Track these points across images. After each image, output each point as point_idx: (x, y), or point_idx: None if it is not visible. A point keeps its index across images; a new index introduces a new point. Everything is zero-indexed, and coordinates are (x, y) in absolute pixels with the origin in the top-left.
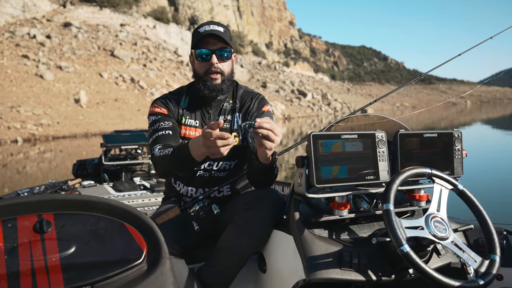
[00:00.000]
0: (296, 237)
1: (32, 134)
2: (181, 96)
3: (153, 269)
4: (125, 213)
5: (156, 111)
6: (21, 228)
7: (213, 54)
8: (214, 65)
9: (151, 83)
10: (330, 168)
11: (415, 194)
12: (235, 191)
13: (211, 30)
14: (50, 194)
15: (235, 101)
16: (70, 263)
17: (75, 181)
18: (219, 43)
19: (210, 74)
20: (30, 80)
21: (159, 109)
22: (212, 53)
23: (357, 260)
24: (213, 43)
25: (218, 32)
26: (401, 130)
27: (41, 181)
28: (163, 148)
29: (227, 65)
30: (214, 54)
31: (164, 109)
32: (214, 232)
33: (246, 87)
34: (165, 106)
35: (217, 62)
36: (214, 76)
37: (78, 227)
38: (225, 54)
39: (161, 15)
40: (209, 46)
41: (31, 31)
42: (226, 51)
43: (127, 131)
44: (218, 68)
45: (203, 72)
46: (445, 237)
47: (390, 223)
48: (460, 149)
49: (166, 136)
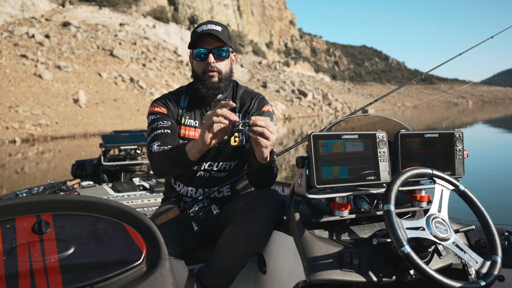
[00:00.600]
0: (296, 238)
1: (31, 134)
2: (180, 96)
3: (153, 270)
4: (125, 214)
5: (156, 111)
6: (19, 229)
7: (210, 53)
8: (211, 65)
9: (150, 83)
10: (331, 168)
11: (416, 194)
12: (235, 191)
13: (208, 30)
14: (49, 195)
15: (235, 101)
16: (69, 264)
17: (74, 181)
18: (216, 42)
19: (208, 73)
20: (28, 80)
21: (158, 109)
22: (209, 53)
23: (358, 261)
24: (210, 43)
25: (215, 32)
26: (402, 130)
27: (39, 182)
28: (161, 145)
29: (224, 64)
30: (211, 53)
31: (163, 109)
32: (214, 233)
33: (246, 87)
34: (164, 105)
35: (214, 62)
36: (211, 74)
37: (77, 228)
38: (222, 53)
39: (160, 14)
40: (206, 46)
41: (29, 31)
42: (223, 50)
43: (126, 131)
44: (215, 67)
45: (201, 72)
46: (446, 238)
47: (391, 223)
48: (462, 150)
49: (164, 135)
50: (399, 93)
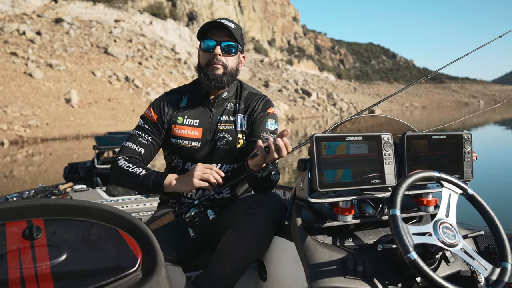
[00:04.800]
0: (298, 244)
1: (20, 136)
2: (182, 95)
3: (148, 277)
4: (119, 219)
5: (147, 117)
6: (9, 234)
7: (218, 45)
8: (217, 56)
9: (146, 82)
10: (334, 171)
11: (423, 198)
12: (235, 194)
13: (220, 22)
14: (40, 199)
15: (240, 101)
16: (61, 271)
17: (67, 185)
18: (226, 37)
19: (213, 65)
20: (18, 79)
21: (151, 114)
22: (217, 45)
23: (362, 268)
24: (220, 36)
25: (228, 26)
26: (408, 132)
27: (29, 186)
28: (130, 162)
29: (231, 60)
30: (219, 45)
31: (154, 115)
32: (213, 238)
33: (252, 88)
34: (159, 110)
35: (220, 54)
36: (216, 65)
37: (70, 234)
38: (232, 49)
39: (158, 10)
40: (215, 38)
41: (20, 27)
42: (232, 46)
43: (121, 132)
44: (221, 61)
45: (205, 63)
46: (454, 244)
47: (397, 229)
48: (470, 152)
49: (136, 153)
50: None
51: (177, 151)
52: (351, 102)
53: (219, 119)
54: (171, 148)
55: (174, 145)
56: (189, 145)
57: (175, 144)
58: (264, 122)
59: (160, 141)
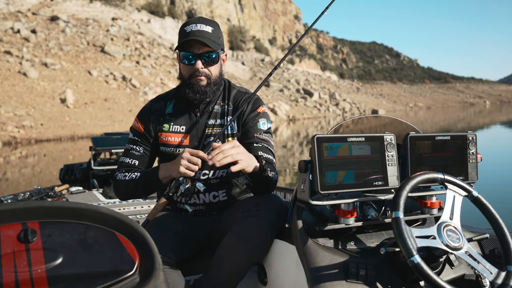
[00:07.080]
0: (299, 247)
1: (13, 137)
2: (167, 101)
3: (146, 281)
4: (116, 221)
5: (135, 128)
6: (4, 237)
7: (198, 59)
8: (199, 70)
9: (144, 81)
10: (336, 173)
11: (427, 201)
12: (231, 196)
13: (197, 31)
14: (35, 201)
15: (228, 103)
16: (57, 275)
17: (62, 187)
18: (206, 47)
19: (196, 77)
20: (12, 78)
21: (138, 125)
22: (197, 58)
23: (365, 272)
24: (198, 47)
25: (205, 34)
26: (411, 133)
27: (24, 188)
28: (125, 173)
29: (214, 68)
30: (199, 59)
31: (141, 126)
32: (212, 241)
33: (240, 87)
34: (144, 120)
35: (202, 67)
36: (199, 78)
37: (66, 237)
38: (212, 58)
39: (156, 8)
40: (194, 50)
41: (14, 25)
42: (212, 54)
43: (117, 133)
44: (204, 73)
45: (188, 76)
46: (459, 247)
47: (400, 232)
48: (475, 153)
49: (131, 165)
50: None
51: (167, 158)
52: (354, 103)
53: (206, 123)
54: (162, 155)
55: (163, 152)
56: (177, 152)
57: (164, 152)
58: (256, 122)
59: (152, 150)
